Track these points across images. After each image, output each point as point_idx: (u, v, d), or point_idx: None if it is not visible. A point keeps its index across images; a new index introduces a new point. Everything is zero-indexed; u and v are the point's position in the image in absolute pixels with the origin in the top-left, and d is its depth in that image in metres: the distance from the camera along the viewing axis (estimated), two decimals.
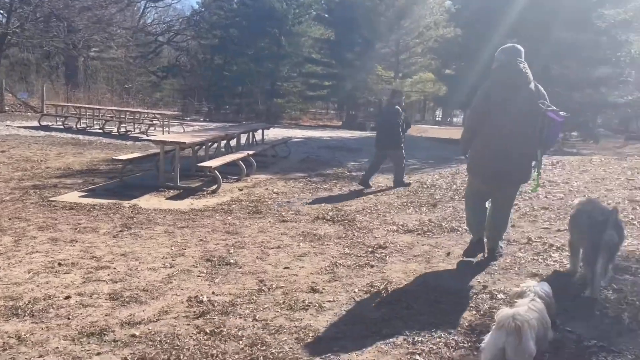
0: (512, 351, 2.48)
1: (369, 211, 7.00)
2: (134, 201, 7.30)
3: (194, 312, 3.63)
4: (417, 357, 2.95)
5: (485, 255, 4.76)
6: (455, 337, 3.18)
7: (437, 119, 53.32)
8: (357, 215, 6.69)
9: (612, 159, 13.35)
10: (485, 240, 4.81)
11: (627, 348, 2.97)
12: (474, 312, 3.57)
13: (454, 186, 8.73)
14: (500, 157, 4.39)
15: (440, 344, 3.10)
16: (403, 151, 9.23)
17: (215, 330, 3.31)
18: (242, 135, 12.21)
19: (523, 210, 6.64)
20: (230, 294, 3.97)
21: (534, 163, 4.57)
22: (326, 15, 35.31)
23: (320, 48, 35.71)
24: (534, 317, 2.64)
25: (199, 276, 4.36)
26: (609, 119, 34.36)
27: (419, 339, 3.16)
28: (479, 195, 4.78)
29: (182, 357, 3.00)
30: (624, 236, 3.93)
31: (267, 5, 33.45)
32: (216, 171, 8.33)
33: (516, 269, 4.45)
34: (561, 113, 4.33)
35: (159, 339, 3.22)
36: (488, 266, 4.55)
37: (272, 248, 5.15)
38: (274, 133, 17.32)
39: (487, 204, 4.85)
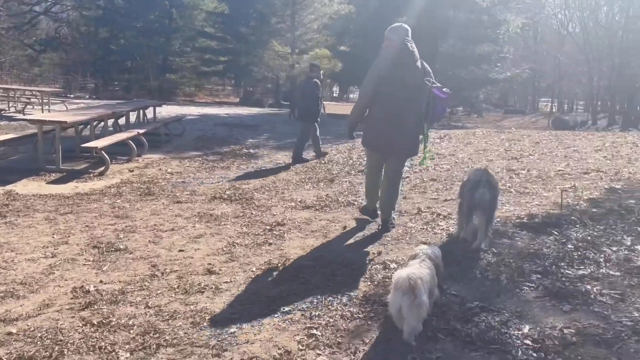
0: (407, 308, 2.74)
1: (267, 189, 6.95)
2: (9, 187, 6.66)
3: (80, 303, 3.40)
4: (315, 331, 2.98)
5: (380, 227, 4.94)
6: (351, 309, 3.26)
7: (334, 95, 54.20)
8: (255, 194, 6.61)
9: (493, 131, 14.39)
10: (378, 212, 5.06)
11: (504, 307, 3.21)
12: (369, 283, 3.68)
13: (351, 161, 8.92)
14: (391, 131, 4.65)
15: (337, 316, 3.16)
16: (317, 129, 9.42)
17: (104, 321, 3.12)
18: (131, 113, 11.55)
19: (414, 182, 6.95)
20: (120, 281, 3.76)
21: (421, 137, 4.83)
22: None
23: (214, 22, 34.50)
24: (426, 274, 2.91)
25: (84, 265, 4.09)
26: (490, 94, 37.00)
27: (316, 314, 3.20)
28: (376, 168, 4.99)
29: (66, 352, 2.79)
30: (497, 195, 4.35)
31: None
32: (103, 152, 7.82)
33: (407, 238, 4.64)
34: (445, 90, 4.66)
35: (39, 335, 2.98)
36: (381, 237, 4.71)
37: (166, 231, 4.95)
38: (167, 110, 16.60)
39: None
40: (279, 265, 4.05)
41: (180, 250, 4.40)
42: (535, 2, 41.42)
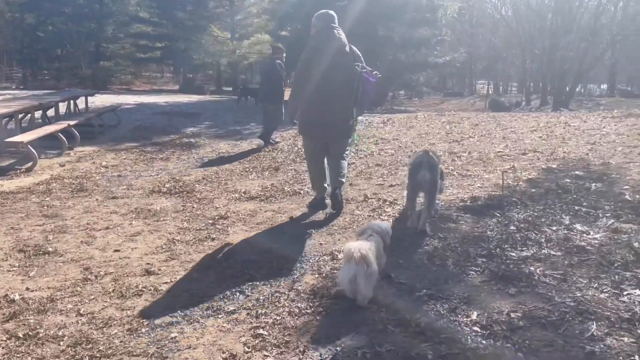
0: (362, 277, 2.96)
1: (209, 180, 6.71)
2: None
3: (4, 314, 3.11)
4: (261, 331, 2.84)
5: (327, 212, 4.96)
6: (299, 305, 3.14)
7: None
8: (197, 185, 6.37)
9: (434, 114, 14.61)
10: (327, 197, 5.09)
11: (452, 293, 3.18)
12: (317, 275, 3.57)
13: (296, 148, 8.78)
14: (326, 117, 4.79)
15: (284, 313, 3.04)
16: (283, 109, 9.33)
17: (30, 333, 2.87)
18: (61, 103, 10.88)
19: (359, 169, 6.91)
20: (49, 287, 3.48)
21: (351, 121, 4.96)
22: None
23: (149, 6, 33.18)
24: (373, 247, 3.16)
25: (9, 271, 3.76)
26: (430, 77, 37.64)
27: (263, 312, 3.06)
28: (316, 154, 5.05)
29: None
30: (438, 175, 4.44)
31: None
32: (29, 146, 7.30)
33: (354, 227, 4.56)
34: (375, 73, 4.82)
35: None
36: (329, 226, 4.61)
37: (100, 230, 4.65)
38: (102, 100, 15.83)
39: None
40: (223, 261, 3.88)
41: (115, 251, 4.14)
42: None
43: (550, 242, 3.93)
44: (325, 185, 5.10)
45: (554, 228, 4.21)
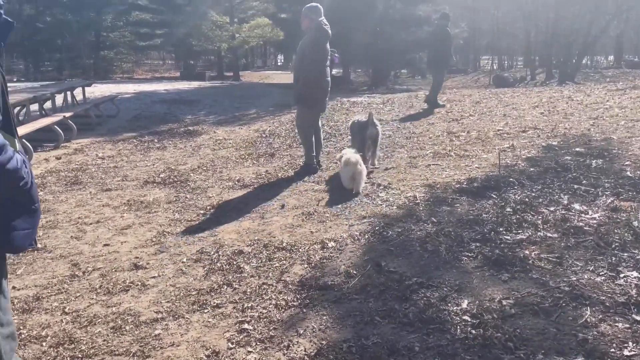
0: (359, 175, 4.98)
1: (204, 168, 6.64)
2: None
3: None
4: (246, 325, 2.79)
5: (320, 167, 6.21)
6: (286, 297, 3.08)
7: (278, 64, 53.28)
8: (192, 175, 6.30)
9: None
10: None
11: (443, 281, 3.09)
12: (306, 265, 3.50)
13: (292, 134, 8.66)
14: (325, 93, 6.11)
15: (271, 306, 2.98)
16: (444, 73, 10.68)
17: None
18: (57, 95, 10.80)
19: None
20: (35, 285, 3.44)
21: None
22: None
23: None
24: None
25: None
26: None
27: (249, 305, 3.00)
28: (313, 124, 6.20)
29: None
30: (380, 130, 6.04)
31: None
32: (24, 140, 7.24)
33: (347, 213, 4.49)
34: (336, 54, 6.60)
35: None
36: (321, 214, 4.53)
37: (91, 224, 4.61)
38: (101, 90, 15.71)
39: None
40: (212, 253, 3.82)
41: (105, 245, 4.10)
42: None
43: (547, 224, 3.82)
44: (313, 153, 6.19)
45: (552, 208, 4.10)
